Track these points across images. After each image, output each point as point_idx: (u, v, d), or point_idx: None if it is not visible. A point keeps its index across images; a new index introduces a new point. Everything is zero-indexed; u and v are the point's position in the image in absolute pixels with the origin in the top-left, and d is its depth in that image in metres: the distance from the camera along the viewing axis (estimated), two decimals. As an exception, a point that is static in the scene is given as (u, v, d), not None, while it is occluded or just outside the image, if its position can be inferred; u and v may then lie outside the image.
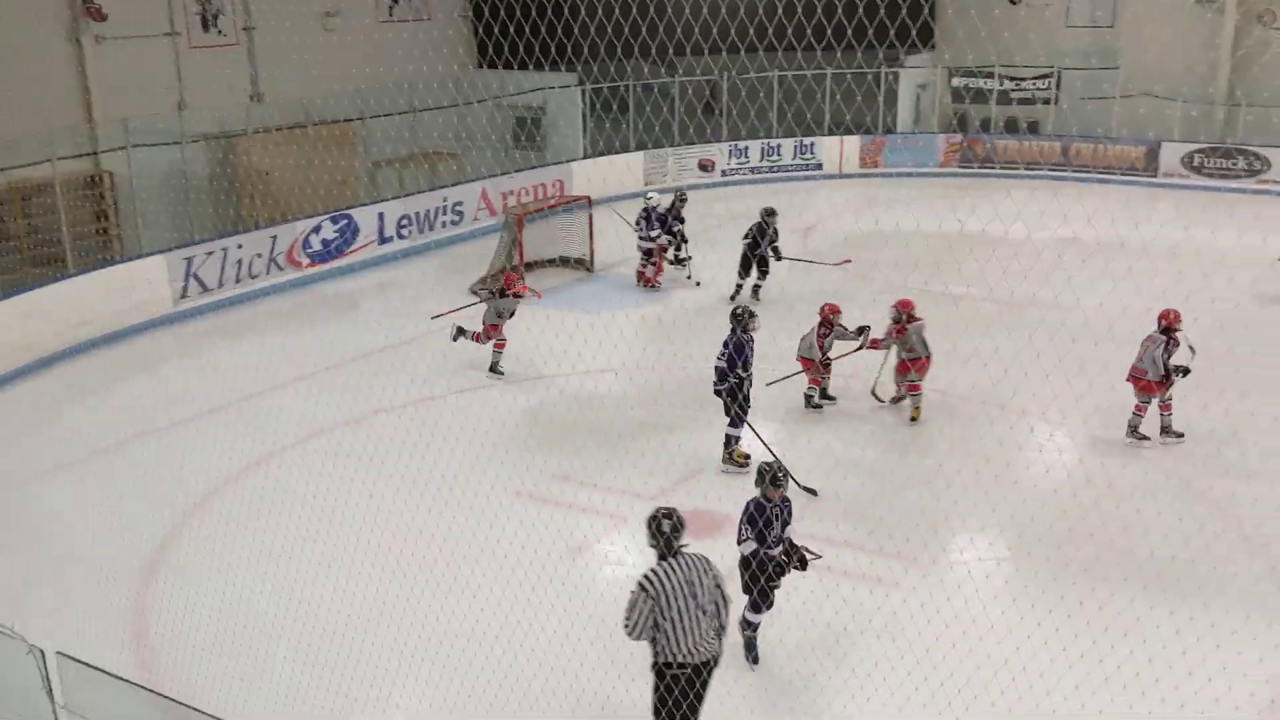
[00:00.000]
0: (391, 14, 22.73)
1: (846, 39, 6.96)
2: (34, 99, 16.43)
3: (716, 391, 10.59)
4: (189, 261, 15.94)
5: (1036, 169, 24.66)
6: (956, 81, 26.29)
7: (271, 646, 7.82)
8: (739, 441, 10.67)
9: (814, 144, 24.98)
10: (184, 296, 15.92)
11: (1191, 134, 23.66)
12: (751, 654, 7.70)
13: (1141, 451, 10.90)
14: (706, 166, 24.46)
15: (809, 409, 11.98)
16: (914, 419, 11.57)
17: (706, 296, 16.23)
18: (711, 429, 11.44)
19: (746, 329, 10.52)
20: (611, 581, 8.44)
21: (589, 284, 17.26)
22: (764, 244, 15.38)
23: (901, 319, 11.48)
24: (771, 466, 7.44)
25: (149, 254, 15.89)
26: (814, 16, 6.51)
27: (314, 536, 9.08)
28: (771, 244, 15.42)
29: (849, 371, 12.24)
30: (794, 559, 7.44)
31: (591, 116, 24.06)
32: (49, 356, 14.01)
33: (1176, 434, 11.04)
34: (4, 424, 12.42)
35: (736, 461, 10.57)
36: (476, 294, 13.19)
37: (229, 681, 7.40)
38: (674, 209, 17.13)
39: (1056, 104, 25.42)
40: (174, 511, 10.01)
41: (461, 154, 21.20)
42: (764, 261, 15.51)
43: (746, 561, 7.43)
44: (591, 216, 17.85)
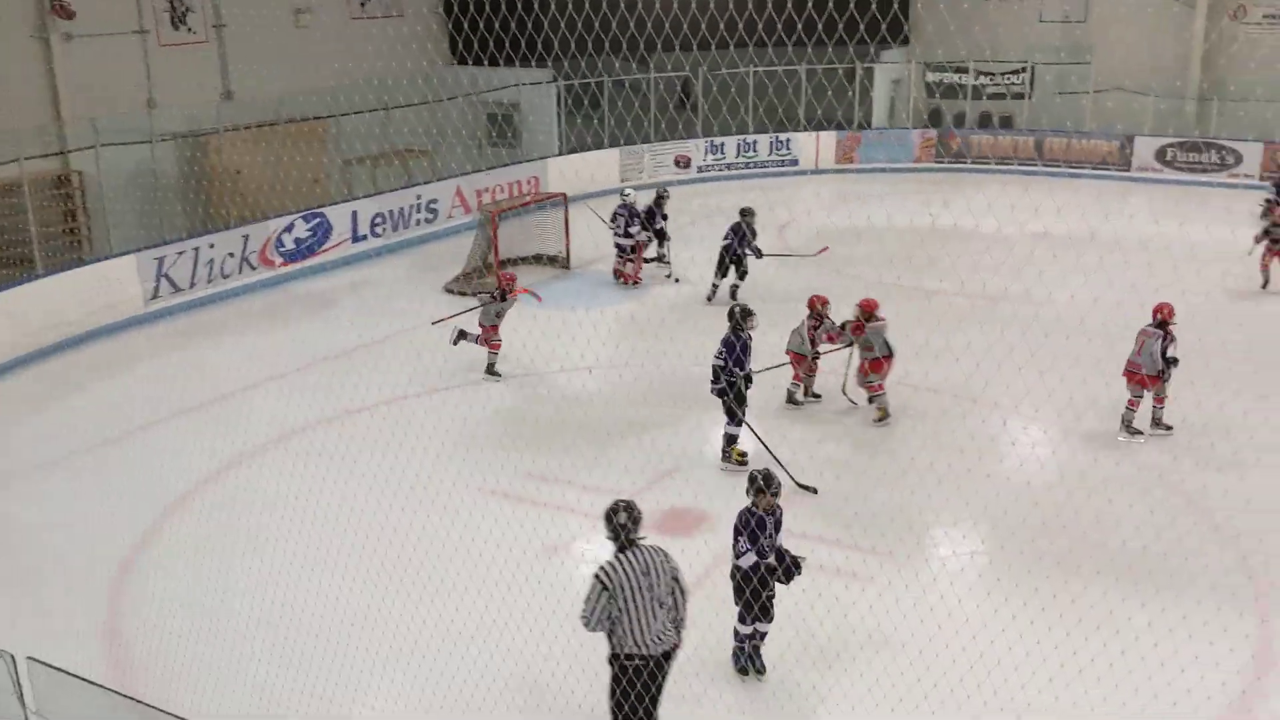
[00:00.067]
0: (363, 10, 22.59)
1: (817, 34, 6.96)
2: (0, 98, 16.24)
3: (712, 390, 10.50)
4: (160, 261, 15.79)
5: (1011, 163, 24.79)
6: (930, 77, 26.39)
7: (246, 648, 7.76)
8: (737, 440, 10.60)
9: (790, 140, 25.01)
10: (155, 297, 15.78)
11: (1164, 128, 23.81)
12: (739, 664, 7.53)
13: (1114, 444, 10.95)
14: (682, 163, 24.45)
15: (788, 404, 11.97)
16: (878, 420, 11.47)
17: (684, 294, 16.22)
18: (689, 426, 11.44)
19: (743, 327, 10.45)
20: (588, 581, 8.38)
21: (566, 281, 17.22)
22: (742, 245, 15.31)
23: (860, 318, 11.42)
24: (761, 475, 7.19)
25: (119, 254, 15.72)
26: (783, 11, 6.51)
27: (288, 537, 9.01)
28: (750, 244, 15.39)
29: (829, 368, 12.24)
30: (786, 566, 7.22)
31: (571, 113, 24.01)
32: (18, 359, 13.85)
33: (1166, 426, 11.05)
34: (-28, 427, 12.29)
35: (735, 460, 10.51)
36: (476, 295, 13.07)
37: (203, 684, 7.36)
38: (657, 206, 17.12)
39: (1030, 99, 25.56)
40: (147, 514, 9.92)
41: (435, 151, 21.11)
42: (741, 262, 15.46)
43: (744, 573, 7.17)
44: (567, 213, 17.81)
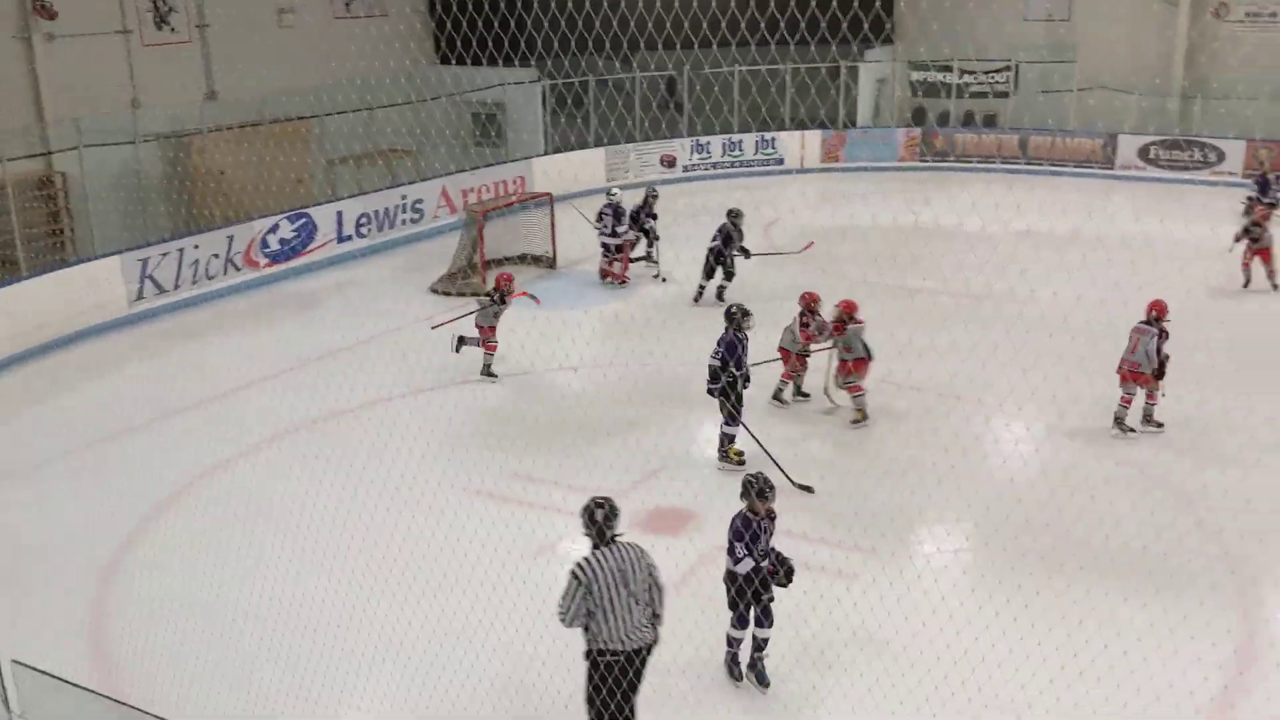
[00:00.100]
0: (347, 10, 22.56)
1: (800, 32, 6.98)
2: (-17, 99, 16.21)
3: (709, 391, 10.48)
4: (144, 263, 15.74)
5: (995, 162, 24.89)
6: (915, 75, 26.46)
7: (232, 649, 7.77)
8: (735, 440, 10.58)
9: (775, 139, 25.07)
10: (140, 298, 15.73)
11: (1147, 126, 23.93)
12: (733, 671, 7.47)
13: (1097, 442, 11.00)
14: (668, 162, 24.47)
15: (773, 401, 11.98)
16: (856, 421, 11.42)
17: (671, 293, 16.24)
18: (675, 426, 11.46)
19: (740, 328, 10.44)
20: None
21: (552, 281, 17.21)
22: (729, 246, 15.29)
23: (840, 319, 11.44)
24: (757, 480, 7.15)
25: (103, 255, 15.67)
26: (766, 10, 6.52)
27: (274, 538, 9.03)
28: (738, 245, 15.37)
29: (816, 366, 12.25)
30: (782, 572, 7.16)
31: (556, 112, 24.00)
32: (2, 361, 13.78)
33: (1157, 424, 11.08)
34: (-44, 429, 12.23)
35: (733, 460, 10.51)
36: (476, 298, 13.01)
37: (189, 684, 7.34)
38: (646, 205, 17.13)
39: (1014, 97, 25.66)
40: (132, 515, 9.88)
41: (420, 151, 21.08)
42: (728, 263, 15.43)
43: (734, 577, 7.14)
44: (553, 213, 17.82)
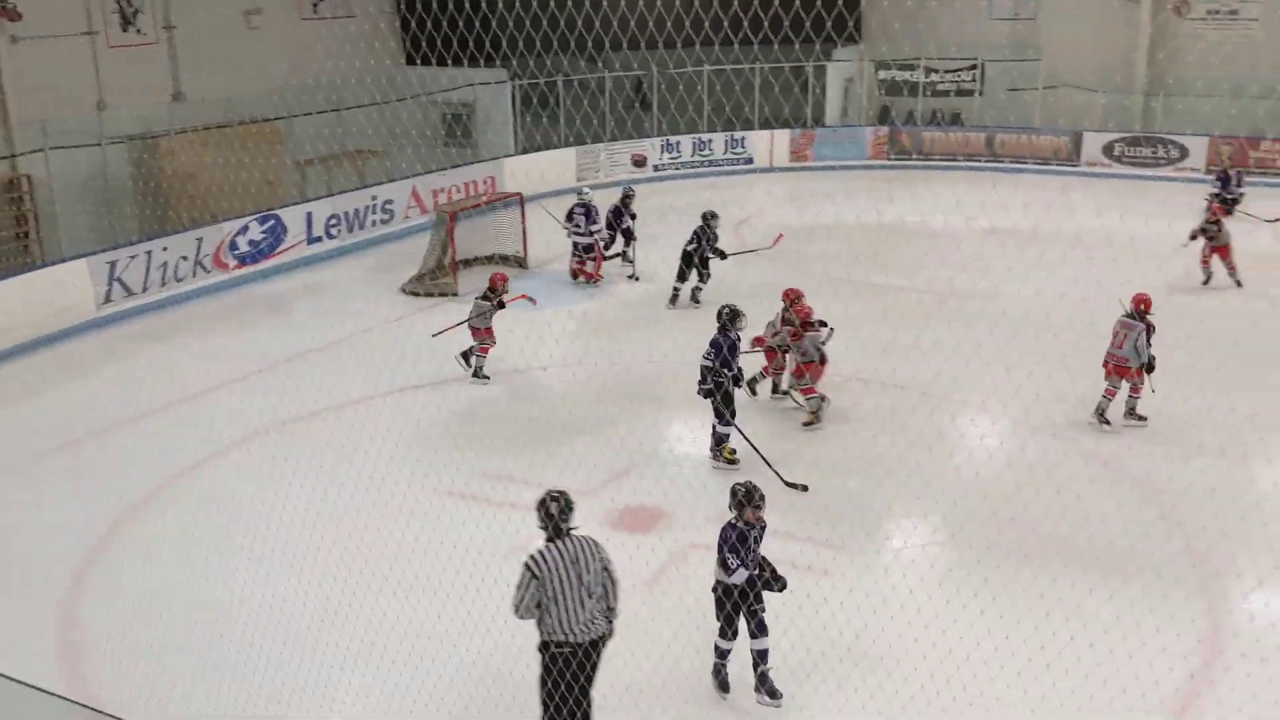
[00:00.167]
0: (315, 11, 22.47)
1: (763, 32, 7.05)
2: (-53, 101, 16.06)
3: (700, 391, 10.47)
4: (112, 265, 15.63)
5: (960, 160, 25.09)
6: (882, 75, 26.64)
7: (207, 653, 7.75)
8: (728, 440, 10.59)
9: (744, 138, 25.16)
10: (108, 301, 15.62)
11: (1109, 124, 24.21)
12: (719, 680, 7.36)
13: (1062, 434, 11.12)
14: (639, 162, 24.52)
15: (744, 387, 11.92)
16: (808, 423, 11.40)
17: (643, 292, 16.29)
18: (645, 425, 11.50)
19: (731, 328, 10.44)
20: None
21: (524, 281, 17.15)
22: (705, 246, 15.32)
23: (797, 325, 11.44)
24: (745, 488, 7.04)
25: (70, 258, 15.53)
26: (729, 9, 6.59)
27: (245, 540, 9.01)
28: (713, 246, 15.41)
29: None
30: (776, 582, 7.07)
31: (523, 113, 23.99)
32: (-32, 365, 13.70)
33: (1140, 417, 11.17)
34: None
35: (727, 459, 10.54)
36: (475, 301, 12.95)
37: (163, 689, 7.31)
38: (624, 204, 17.16)
39: (980, 95, 25.88)
40: (103, 520, 9.82)
41: (390, 152, 21.03)
42: (705, 264, 15.48)
43: (728, 589, 7.04)
44: (524, 213, 17.82)
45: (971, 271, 12.50)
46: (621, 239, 17.22)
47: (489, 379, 12.90)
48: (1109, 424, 11.13)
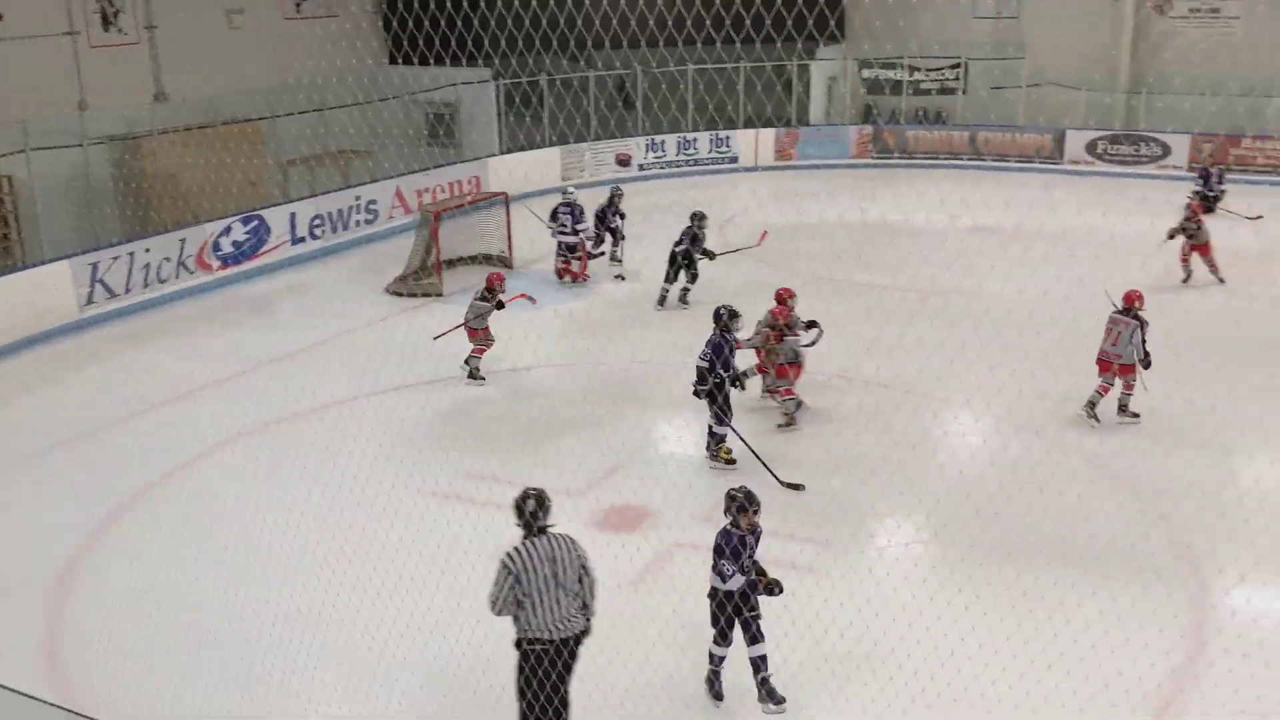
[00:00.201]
0: (298, 11, 22.39)
1: (745, 30, 7.07)
2: (-74, 102, 15.96)
3: (696, 393, 10.46)
4: (94, 267, 15.55)
5: (946, 159, 25.17)
6: (866, 74, 26.70)
7: (190, 655, 7.72)
8: (725, 440, 10.57)
9: (730, 137, 25.17)
10: (90, 303, 15.54)
11: (1090, 122, 24.33)
12: (714, 688, 7.29)
13: (1045, 431, 11.17)
14: (624, 161, 24.51)
15: (731, 383, 11.91)
16: (782, 425, 11.39)
17: (629, 292, 16.28)
18: (630, 424, 11.50)
19: (729, 329, 10.44)
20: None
21: (509, 280, 17.03)
22: (694, 248, 15.27)
23: (779, 328, 11.45)
24: (742, 493, 6.97)
25: (52, 260, 15.44)
26: (711, 8, 6.60)
27: (229, 541, 8.99)
28: (701, 247, 15.37)
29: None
30: (772, 586, 6.99)
31: (507, 112, 23.97)
32: (-52, 368, 13.63)
33: (1133, 414, 11.19)
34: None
35: (724, 460, 10.54)
36: (474, 302, 12.92)
37: (146, 693, 7.30)
38: (612, 204, 17.15)
39: (965, 94, 25.97)
40: (86, 522, 9.78)
41: (374, 152, 20.98)
42: (692, 265, 15.44)
43: (725, 595, 6.98)
44: (509, 213, 17.80)
45: (955, 269, 12.54)
46: (610, 238, 17.23)
47: (484, 380, 12.87)
48: (1097, 419, 11.15)
